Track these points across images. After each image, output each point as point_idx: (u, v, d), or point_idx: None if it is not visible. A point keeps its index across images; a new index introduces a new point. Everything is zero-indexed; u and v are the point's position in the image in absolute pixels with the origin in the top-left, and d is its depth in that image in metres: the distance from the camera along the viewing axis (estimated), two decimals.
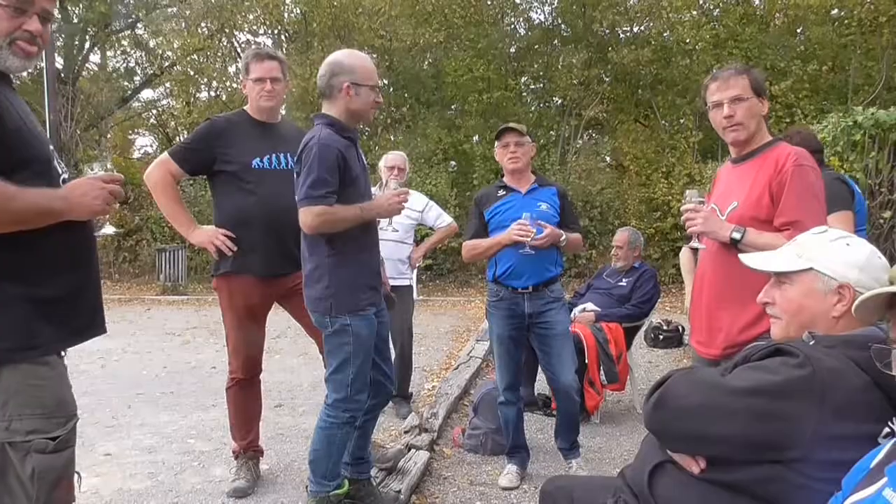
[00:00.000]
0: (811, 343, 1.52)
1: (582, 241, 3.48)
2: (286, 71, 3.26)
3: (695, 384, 1.53)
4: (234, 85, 15.31)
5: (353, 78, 2.63)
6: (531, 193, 3.38)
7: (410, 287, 4.62)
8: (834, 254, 1.63)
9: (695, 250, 2.53)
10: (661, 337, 7.16)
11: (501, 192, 3.40)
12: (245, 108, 3.28)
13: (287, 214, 3.05)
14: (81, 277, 1.86)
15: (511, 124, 3.39)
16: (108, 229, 2.06)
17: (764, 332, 2.20)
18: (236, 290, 3.16)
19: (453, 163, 15.11)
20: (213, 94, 16.97)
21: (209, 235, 3.11)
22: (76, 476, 1.85)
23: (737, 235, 2.25)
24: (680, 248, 14.49)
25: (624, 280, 4.93)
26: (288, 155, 3.14)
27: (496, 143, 3.40)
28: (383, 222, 2.94)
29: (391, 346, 3.14)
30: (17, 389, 1.71)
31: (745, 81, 2.34)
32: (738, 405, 1.42)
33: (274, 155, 3.15)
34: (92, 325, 1.90)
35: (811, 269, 1.62)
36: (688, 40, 14.29)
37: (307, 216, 2.57)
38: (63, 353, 1.85)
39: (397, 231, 3.28)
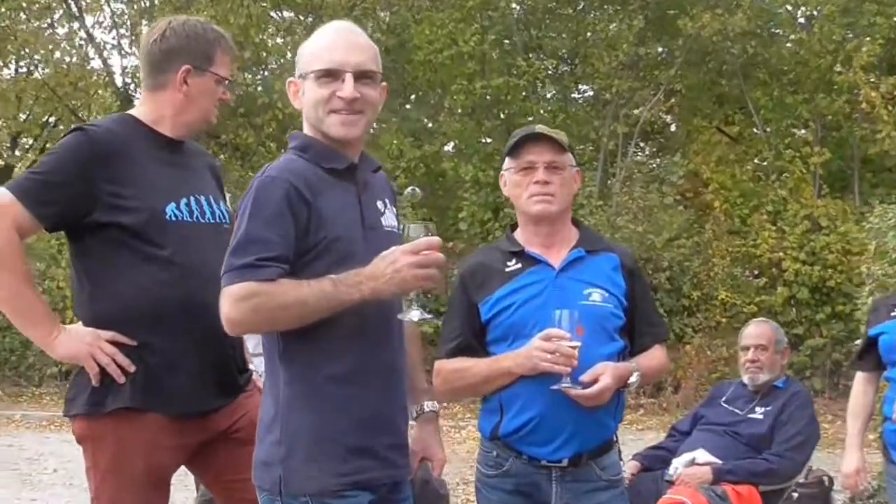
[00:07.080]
0: None
1: (666, 359, 3.26)
2: None
3: None
4: (68, 57, 15.24)
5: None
6: (572, 267, 2.97)
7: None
8: None
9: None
10: (795, 495, 7.18)
11: (513, 265, 3.00)
12: (132, 111, 3.13)
13: None
14: None
15: (541, 128, 3.04)
16: None
17: None
18: (135, 440, 2.88)
19: (414, 189, 14.19)
20: (24, 67, 16.89)
21: (88, 343, 2.86)
22: None
23: None
24: (827, 342, 14.16)
25: (759, 409, 4.90)
26: (210, 199, 3.04)
27: (508, 163, 3.05)
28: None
29: None
30: None
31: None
32: None
33: (193, 198, 2.99)
34: None
35: None
36: (802, 4, 14.80)
37: (223, 303, 2.35)
38: None
39: None
